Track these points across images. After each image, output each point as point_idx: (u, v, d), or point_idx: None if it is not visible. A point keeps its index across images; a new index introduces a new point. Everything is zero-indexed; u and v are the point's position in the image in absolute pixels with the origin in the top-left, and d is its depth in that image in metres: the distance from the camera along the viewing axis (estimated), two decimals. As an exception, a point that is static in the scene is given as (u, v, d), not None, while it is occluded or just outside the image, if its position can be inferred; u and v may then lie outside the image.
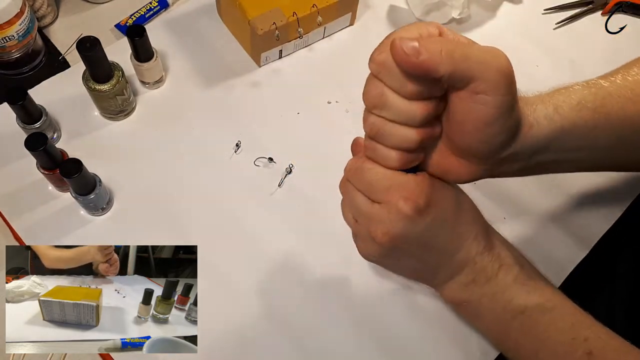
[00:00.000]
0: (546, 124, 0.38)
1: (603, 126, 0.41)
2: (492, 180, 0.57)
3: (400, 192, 0.36)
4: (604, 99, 0.41)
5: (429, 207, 0.37)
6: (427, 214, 0.37)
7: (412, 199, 0.36)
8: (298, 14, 0.58)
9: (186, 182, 0.54)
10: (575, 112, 0.40)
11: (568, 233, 0.54)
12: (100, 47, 0.49)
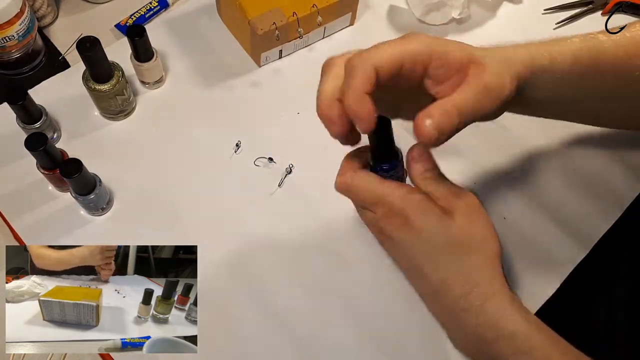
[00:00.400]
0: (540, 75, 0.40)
1: (593, 80, 0.43)
2: (492, 180, 0.57)
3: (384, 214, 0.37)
4: (598, 55, 0.42)
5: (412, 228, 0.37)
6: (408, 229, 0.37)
7: (391, 217, 0.37)
8: (298, 14, 0.58)
9: (186, 182, 0.54)
10: (569, 65, 0.41)
11: (568, 233, 0.54)
12: (100, 47, 0.49)
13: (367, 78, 0.34)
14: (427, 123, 0.34)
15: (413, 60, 0.35)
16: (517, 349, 0.37)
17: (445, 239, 0.37)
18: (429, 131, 0.34)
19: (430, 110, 0.35)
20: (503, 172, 0.58)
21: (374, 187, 0.38)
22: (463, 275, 0.38)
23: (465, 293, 0.37)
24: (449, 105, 0.35)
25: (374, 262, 0.51)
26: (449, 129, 0.35)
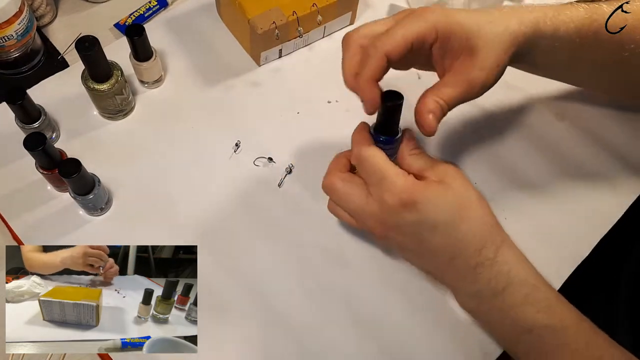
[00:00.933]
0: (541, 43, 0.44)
1: (589, 51, 0.47)
2: (492, 180, 0.57)
3: (387, 188, 0.40)
4: (600, 28, 0.45)
5: (415, 204, 0.40)
6: (414, 210, 0.40)
7: (396, 193, 0.40)
8: (298, 13, 0.58)
9: (186, 181, 0.54)
10: (570, 36, 0.45)
11: (568, 233, 0.54)
12: (99, 47, 0.49)
13: (378, 67, 0.40)
14: (430, 118, 0.41)
15: (421, 41, 0.41)
16: (526, 296, 0.41)
17: (451, 204, 0.40)
18: (431, 124, 0.41)
19: (427, 104, 0.41)
20: (503, 172, 0.58)
21: (381, 164, 0.41)
22: (474, 231, 0.41)
23: (480, 247, 0.41)
24: (440, 100, 0.41)
25: (375, 262, 0.51)
26: (441, 119, 0.42)
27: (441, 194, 0.41)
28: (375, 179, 0.41)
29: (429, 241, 0.41)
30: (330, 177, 0.45)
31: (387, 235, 0.43)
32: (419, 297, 0.50)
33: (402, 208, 0.40)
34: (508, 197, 0.56)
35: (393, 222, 0.41)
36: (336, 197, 0.45)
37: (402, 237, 0.42)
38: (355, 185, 0.43)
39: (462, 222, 0.41)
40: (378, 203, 0.41)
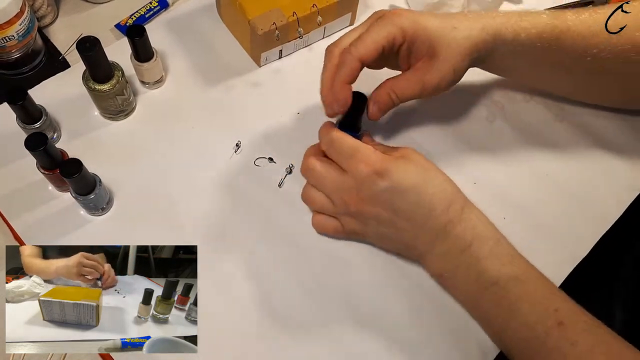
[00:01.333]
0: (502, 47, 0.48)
1: (551, 55, 0.50)
2: (492, 180, 0.57)
3: (361, 159, 0.45)
4: (561, 34, 0.48)
5: (387, 172, 0.44)
6: (386, 177, 0.44)
7: (370, 164, 0.44)
8: (298, 14, 0.58)
9: (186, 182, 0.54)
10: (531, 41, 0.48)
11: (568, 233, 0.54)
12: (100, 47, 0.49)
13: (352, 70, 0.45)
14: (375, 107, 0.49)
15: (391, 44, 0.46)
16: (490, 249, 0.44)
17: (417, 171, 0.45)
18: (374, 112, 0.49)
19: (379, 95, 0.48)
20: (502, 172, 0.58)
21: (352, 141, 0.46)
22: (441, 190, 0.45)
23: (448, 205, 0.45)
24: (392, 94, 0.48)
25: (374, 261, 0.51)
26: (389, 109, 0.49)
27: (407, 163, 0.45)
28: (348, 153, 0.45)
29: (402, 206, 0.44)
30: (308, 159, 0.48)
31: (363, 210, 0.46)
32: (418, 297, 0.50)
33: (376, 176, 0.44)
34: (507, 197, 0.56)
35: (369, 191, 0.44)
36: (314, 177, 0.48)
37: (378, 208, 0.45)
38: (332, 165, 0.47)
39: (429, 184, 0.45)
40: (353, 175, 0.45)
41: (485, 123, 0.61)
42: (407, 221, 0.45)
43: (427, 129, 0.59)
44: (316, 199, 0.49)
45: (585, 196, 0.57)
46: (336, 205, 0.47)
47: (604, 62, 0.50)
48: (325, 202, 0.48)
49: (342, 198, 0.46)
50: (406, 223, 0.45)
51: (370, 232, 0.48)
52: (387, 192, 0.44)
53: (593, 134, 0.60)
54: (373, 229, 0.47)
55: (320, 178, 0.47)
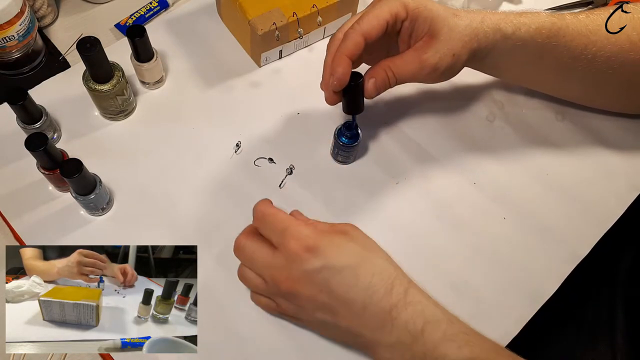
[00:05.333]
0: (502, 41, 0.48)
1: (550, 52, 0.49)
2: (492, 180, 0.57)
3: (292, 235, 0.41)
4: (559, 30, 0.48)
5: (319, 249, 0.40)
6: (319, 254, 0.40)
7: (300, 239, 0.41)
8: (298, 14, 0.58)
9: (186, 182, 0.54)
10: (530, 35, 0.48)
11: (568, 233, 0.54)
12: (100, 48, 0.49)
13: (354, 44, 0.44)
14: (370, 82, 0.47)
15: (394, 19, 0.45)
16: (444, 333, 0.39)
17: (354, 249, 0.41)
18: (370, 88, 0.47)
19: (376, 71, 0.47)
20: (502, 172, 0.58)
21: (284, 217, 0.43)
22: (381, 271, 0.41)
23: (389, 288, 0.40)
24: (389, 71, 0.46)
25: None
26: (385, 88, 0.47)
27: (344, 240, 0.42)
28: (279, 230, 0.42)
29: (338, 289, 0.40)
30: (239, 237, 0.45)
31: (295, 290, 0.41)
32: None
33: (308, 253, 0.40)
34: (507, 197, 0.56)
35: (300, 270, 0.41)
36: (244, 255, 0.45)
37: (311, 289, 0.41)
38: (262, 242, 0.44)
39: (367, 263, 0.41)
40: (283, 253, 0.41)
41: (485, 123, 0.61)
42: (346, 306, 0.41)
43: (427, 129, 0.59)
44: (249, 278, 0.45)
45: (585, 196, 0.57)
46: (268, 285, 0.44)
47: (604, 62, 0.50)
48: (258, 282, 0.44)
49: (272, 276, 0.42)
50: (344, 308, 0.41)
51: (306, 317, 0.44)
52: (320, 272, 0.40)
53: (593, 134, 0.60)
54: (309, 314, 0.43)
55: (250, 256, 0.44)
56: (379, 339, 0.41)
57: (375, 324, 0.40)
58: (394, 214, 0.54)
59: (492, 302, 0.50)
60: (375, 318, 0.40)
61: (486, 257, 0.53)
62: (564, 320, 0.59)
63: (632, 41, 0.49)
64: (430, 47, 0.46)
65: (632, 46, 0.49)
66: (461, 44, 0.46)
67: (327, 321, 0.42)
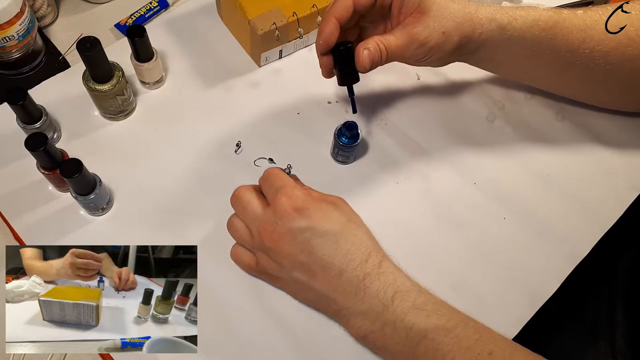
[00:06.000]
0: (497, 32, 0.48)
1: (547, 46, 0.49)
2: (492, 180, 0.57)
3: (285, 193, 0.44)
4: (556, 23, 0.48)
5: (307, 211, 0.43)
6: (306, 215, 0.43)
7: (292, 198, 0.44)
8: (298, 14, 0.58)
9: (186, 182, 0.54)
10: (526, 27, 0.48)
11: (568, 233, 0.54)
12: (100, 47, 0.49)
13: (343, 7, 0.45)
14: (365, 53, 0.46)
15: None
16: (413, 301, 0.41)
17: (340, 218, 0.44)
18: (364, 59, 0.46)
19: (368, 43, 0.46)
20: (502, 172, 0.58)
21: (284, 177, 0.46)
22: (361, 242, 0.44)
23: (365, 258, 0.43)
24: (381, 44, 0.46)
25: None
26: (378, 62, 0.47)
27: (332, 208, 0.44)
28: (275, 187, 0.45)
29: (318, 251, 0.42)
30: (239, 187, 0.48)
31: (278, 246, 0.44)
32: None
33: (296, 212, 0.43)
34: (507, 197, 0.56)
35: (285, 227, 0.43)
36: (239, 204, 0.47)
37: (293, 247, 0.43)
38: (259, 197, 0.46)
39: (349, 233, 0.43)
40: (273, 209, 0.44)
41: (485, 123, 0.61)
42: (323, 269, 0.43)
43: (427, 129, 0.59)
44: (237, 227, 0.47)
45: (585, 196, 0.57)
46: (253, 237, 0.46)
47: (602, 57, 0.50)
48: (244, 233, 0.47)
49: (258, 229, 0.45)
50: (321, 271, 0.43)
51: (283, 276, 0.46)
52: (304, 232, 0.43)
53: (593, 134, 0.60)
54: (287, 272, 0.45)
55: (243, 205, 0.46)
56: (351, 306, 0.43)
57: (349, 290, 0.42)
58: (394, 213, 0.54)
59: (492, 302, 0.50)
60: (349, 284, 0.42)
61: (486, 256, 0.53)
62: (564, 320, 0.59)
63: (630, 37, 0.49)
64: (419, 23, 0.46)
65: (630, 42, 0.49)
66: (453, 24, 0.46)
67: (303, 282, 0.44)
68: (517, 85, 0.63)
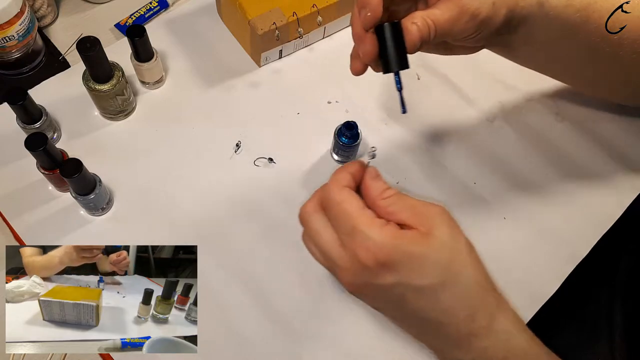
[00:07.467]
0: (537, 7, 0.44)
1: (579, 28, 0.46)
2: (492, 180, 0.57)
3: (361, 243, 0.33)
4: (589, 5, 0.45)
5: (394, 265, 0.33)
6: (394, 270, 0.33)
7: (371, 251, 0.33)
8: (298, 14, 0.58)
9: (186, 182, 0.54)
10: (562, 6, 0.45)
11: (568, 233, 0.54)
12: (100, 47, 0.49)
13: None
14: (414, 28, 0.38)
15: None
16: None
17: (438, 264, 0.34)
18: (414, 34, 0.38)
19: (414, 17, 0.39)
20: (503, 173, 0.58)
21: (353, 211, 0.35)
22: (465, 295, 0.35)
23: (472, 314, 0.35)
24: (427, 19, 0.39)
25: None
26: (427, 38, 0.39)
27: (427, 250, 0.34)
28: (346, 228, 0.34)
29: (412, 305, 0.35)
30: (306, 207, 0.37)
31: (362, 295, 0.37)
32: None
33: (379, 268, 0.33)
34: (507, 197, 0.56)
35: (368, 282, 0.34)
36: (307, 229, 0.37)
37: (380, 300, 0.37)
38: (328, 226, 0.36)
39: (451, 285, 0.34)
40: (350, 258, 0.34)
41: (485, 123, 0.61)
42: (418, 322, 0.36)
43: (427, 129, 0.59)
44: (311, 250, 0.38)
45: (585, 196, 0.57)
46: (330, 271, 0.38)
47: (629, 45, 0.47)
48: (321, 260, 0.38)
49: (335, 271, 0.36)
50: (416, 323, 0.36)
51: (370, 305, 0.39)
52: (394, 288, 0.34)
53: (593, 134, 0.60)
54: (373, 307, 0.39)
55: (313, 235, 0.37)
56: (449, 353, 0.37)
57: (448, 343, 0.36)
58: (394, 214, 0.54)
59: (492, 302, 0.50)
60: (449, 338, 0.36)
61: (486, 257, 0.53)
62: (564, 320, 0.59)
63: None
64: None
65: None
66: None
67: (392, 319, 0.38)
68: (518, 86, 0.63)
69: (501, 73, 0.63)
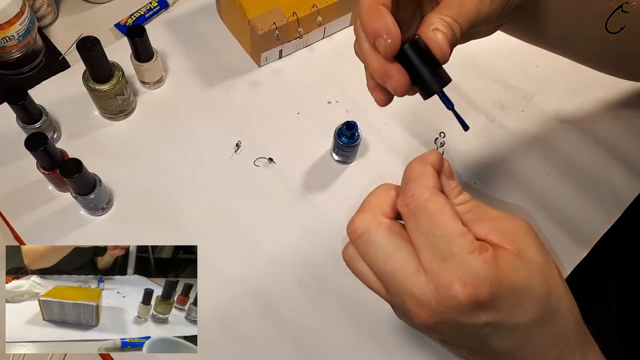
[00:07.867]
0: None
1: None
2: (492, 181, 0.57)
3: (459, 271, 0.26)
4: None
5: (494, 302, 0.27)
6: (492, 308, 0.27)
7: (472, 285, 0.26)
8: (298, 14, 0.58)
9: (186, 182, 0.54)
10: None
11: (568, 233, 0.54)
12: (100, 47, 0.49)
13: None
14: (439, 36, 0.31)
15: None
16: None
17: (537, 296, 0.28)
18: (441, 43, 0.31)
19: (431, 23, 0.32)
20: (502, 172, 0.58)
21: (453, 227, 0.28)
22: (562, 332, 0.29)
23: (563, 351, 0.29)
24: (446, 18, 0.32)
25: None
26: (455, 40, 0.32)
27: (528, 280, 0.27)
28: (441, 250, 0.27)
29: (496, 344, 0.29)
30: (363, 217, 0.29)
31: (437, 331, 0.29)
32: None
33: (475, 307, 0.27)
34: (507, 198, 0.56)
35: (452, 320, 0.27)
36: (369, 252, 0.29)
37: (456, 338, 0.30)
38: (404, 244, 0.29)
39: (549, 321, 0.29)
40: (436, 290, 0.27)
41: (485, 123, 0.61)
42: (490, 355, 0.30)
43: (427, 129, 0.59)
44: (363, 273, 0.31)
45: (585, 196, 0.57)
46: (392, 302, 0.31)
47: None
48: (377, 287, 0.30)
49: (404, 303, 0.28)
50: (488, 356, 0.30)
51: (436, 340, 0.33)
52: (482, 328, 0.28)
53: (593, 134, 0.60)
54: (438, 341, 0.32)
55: (375, 258, 0.29)
56: None
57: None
58: (394, 214, 0.54)
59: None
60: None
61: (486, 257, 0.53)
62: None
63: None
64: None
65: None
66: None
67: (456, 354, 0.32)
68: (518, 86, 0.63)
69: (501, 73, 0.63)
